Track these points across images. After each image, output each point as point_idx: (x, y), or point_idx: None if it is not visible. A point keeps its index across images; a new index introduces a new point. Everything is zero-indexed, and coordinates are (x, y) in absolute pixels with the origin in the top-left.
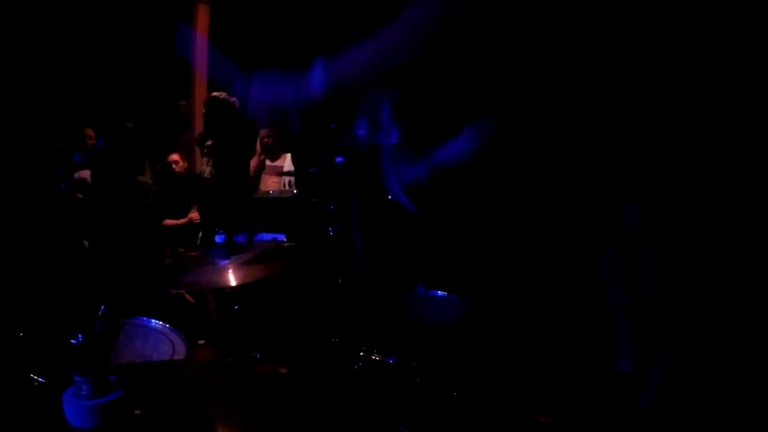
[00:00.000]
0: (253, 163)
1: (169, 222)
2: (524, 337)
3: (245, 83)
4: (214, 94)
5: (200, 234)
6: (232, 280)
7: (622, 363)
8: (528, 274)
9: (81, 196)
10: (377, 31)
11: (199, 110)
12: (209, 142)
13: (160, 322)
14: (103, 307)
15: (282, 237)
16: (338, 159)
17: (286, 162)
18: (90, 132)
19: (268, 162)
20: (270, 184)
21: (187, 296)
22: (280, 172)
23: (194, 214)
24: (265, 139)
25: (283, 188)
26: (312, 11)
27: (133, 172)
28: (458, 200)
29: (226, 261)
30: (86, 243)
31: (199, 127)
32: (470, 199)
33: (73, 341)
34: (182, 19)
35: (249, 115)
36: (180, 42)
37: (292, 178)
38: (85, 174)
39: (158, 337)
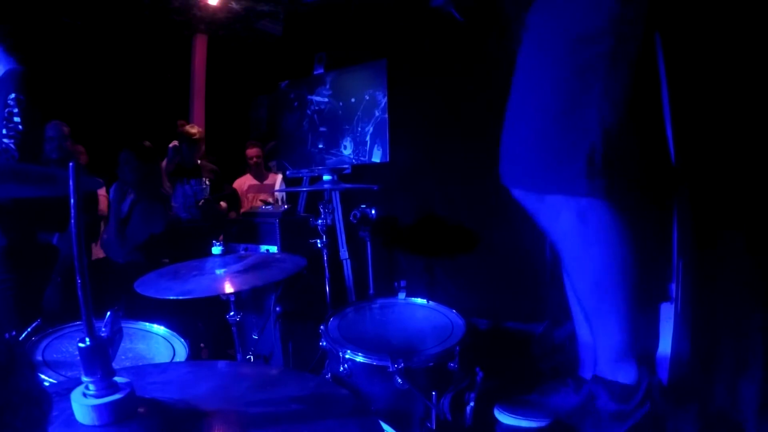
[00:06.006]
0: (243, 182)
1: None
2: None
3: None
4: (187, 127)
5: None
6: (228, 288)
7: (585, 371)
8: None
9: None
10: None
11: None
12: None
13: (162, 327)
14: (109, 312)
15: (274, 249)
16: (326, 177)
17: (278, 182)
18: (81, 148)
19: (255, 182)
20: (258, 203)
21: None
22: (271, 191)
23: None
24: (254, 159)
25: (275, 204)
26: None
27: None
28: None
29: (222, 270)
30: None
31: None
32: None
33: (81, 344)
34: (182, 47)
35: None
36: None
37: (284, 195)
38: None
39: (159, 341)
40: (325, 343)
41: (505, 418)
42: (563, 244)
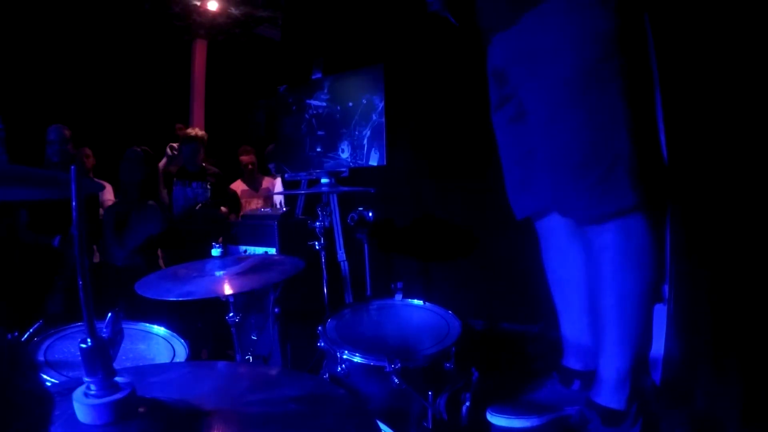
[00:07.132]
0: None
1: None
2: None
3: None
4: (188, 130)
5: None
6: (227, 289)
7: (570, 361)
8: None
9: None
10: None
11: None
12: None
13: (162, 328)
14: (110, 313)
15: (272, 251)
16: (324, 180)
17: (278, 185)
18: (88, 151)
19: (248, 188)
20: (254, 206)
21: None
22: (264, 195)
23: None
24: (249, 165)
25: (274, 207)
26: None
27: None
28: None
29: (222, 271)
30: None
31: None
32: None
33: (82, 345)
34: (182, 52)
35: None
36: None
37: (282, 198)
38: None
39: (160, 342)
40: (323, 344)
41: (497, 420)
42: (600, 256)
